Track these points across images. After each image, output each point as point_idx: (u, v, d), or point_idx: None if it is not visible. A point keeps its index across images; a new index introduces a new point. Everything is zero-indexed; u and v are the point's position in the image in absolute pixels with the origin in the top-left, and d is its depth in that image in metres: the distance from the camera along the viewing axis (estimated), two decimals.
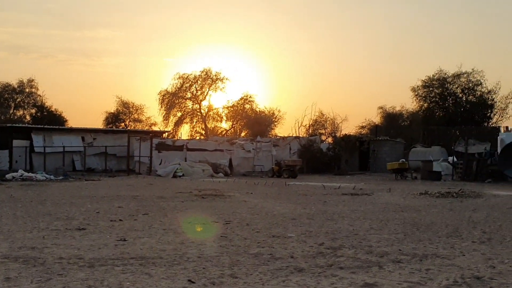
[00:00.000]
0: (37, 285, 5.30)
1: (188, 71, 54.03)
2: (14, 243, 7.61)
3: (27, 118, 54.50)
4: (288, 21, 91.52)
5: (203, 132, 52.28)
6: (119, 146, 38.08)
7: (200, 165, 32.39)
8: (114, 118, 55.70)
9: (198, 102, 52.89)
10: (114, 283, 5.34)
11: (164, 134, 46.72)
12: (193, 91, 52.92)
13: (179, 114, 52.72)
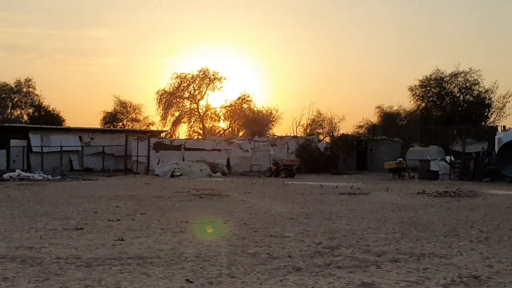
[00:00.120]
0: (34, 285, 5.29)
1: (185, 71, 54.10)
2: (12, 243, 7.60)
3: (25, 117, 54.45)
4: (285, 20, 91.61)
5: (201, 131, 52.29)
6: (117, 145, 38.04)
7: (198, 164, 32.38)
8: (111, 118, 55.69)
9: (196, 101, 52.88)
10: (112, 283, 5.33)
11: (161, 134, 46.72)
12: (190, 91, 52.92)
13: (177, 114, 52.73)
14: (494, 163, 26.43)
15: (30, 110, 54.83)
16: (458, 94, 46.59)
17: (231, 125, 54.24)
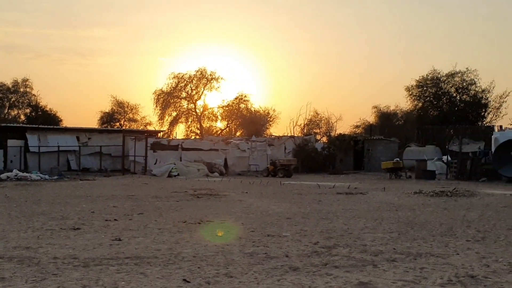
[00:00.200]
0: (31, 285, 5.29)
1: (183, 71, 54.13)
2: (9, 243, 7.59)
3: (22, 117, 54.37)
4: (283, 20, 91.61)
5: (198, 131, 52.25)
6: (114, 145, 38.04)
7: (195, 164, 32.37)
8: (109, 118, 55.63)
9: (193, 101, 52.87)
10: (109, 283, 5.33)
11: (159, 134, 46.69)
12: (188, 91, 52.90)
13: (174, 114, 52.72)
14: (491, 163, 26.49)
15: (27, 110, 54.72)
16: (454, 94, 46.63)
17: (229, 125, 54.24)
